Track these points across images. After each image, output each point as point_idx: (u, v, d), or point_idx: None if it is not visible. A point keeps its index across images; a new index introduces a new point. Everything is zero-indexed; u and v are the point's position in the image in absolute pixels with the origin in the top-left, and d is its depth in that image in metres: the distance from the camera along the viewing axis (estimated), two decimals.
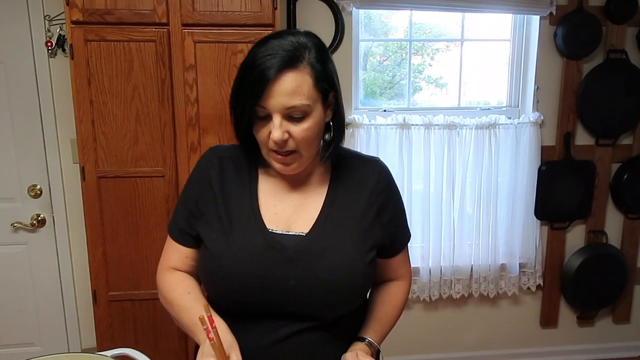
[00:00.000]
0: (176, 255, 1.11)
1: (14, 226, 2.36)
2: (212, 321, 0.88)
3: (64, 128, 2.34)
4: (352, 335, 1.10)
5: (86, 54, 1.89)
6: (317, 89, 0.95)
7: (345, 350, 1.05)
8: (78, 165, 2.30)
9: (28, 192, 2.36)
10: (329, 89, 0.99)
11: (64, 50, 2.25)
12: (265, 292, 1.00)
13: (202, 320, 0.86)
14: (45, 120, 2.32)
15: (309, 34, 1.00)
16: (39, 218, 2.38)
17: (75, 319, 2.50)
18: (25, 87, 2.28)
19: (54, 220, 2.40)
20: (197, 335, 0.96)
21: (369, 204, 1.07)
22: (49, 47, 2.24)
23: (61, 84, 2.29)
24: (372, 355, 1.05)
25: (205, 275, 1.06)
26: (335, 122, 1.04)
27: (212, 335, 0.86)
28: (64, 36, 2.23)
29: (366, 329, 1.11)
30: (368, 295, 1.20)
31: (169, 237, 1.13)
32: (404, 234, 1.17)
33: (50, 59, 2.27)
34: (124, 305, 2.10)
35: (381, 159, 1.17)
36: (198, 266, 1.09)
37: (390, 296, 1.18)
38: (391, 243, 1.13)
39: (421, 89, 2.75)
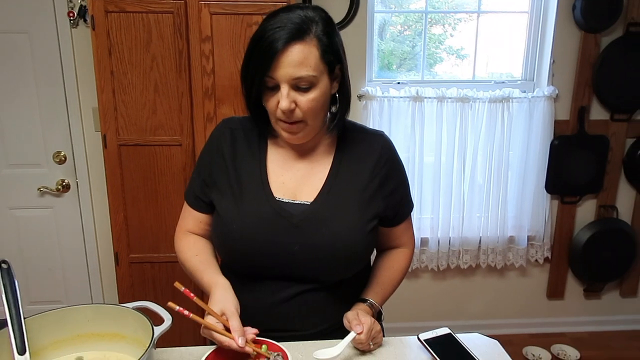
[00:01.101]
0: (192, 220, 1.19)
1: (40, 190, 2.48)
2: (188, 293, 0.94)
3: (86, 97, 2.42)
4: (354, 297, 1.17)
5: (107, 25, 1.95)
6: (323, 60, 1.00)
7: (347, 311, 1.12)
8: (100, 133, 2.39)
9: (53, 158, 2.47)
10: (335, 62, 1.03)
11: (85, 20, 2.31)
12: (272, 256, 1.07)
13: (177, 286, 0.91)
14: (68, 89, 2.40)
15: (317, 9, 1.04)
16: (64, 183, 2.50)
17: (99, 279, 2.64)
18: (48, 57, 2.36)
19: (77, 186, 2.52)
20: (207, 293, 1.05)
21: (372, 176, 1.12)
22: (71, 18, 2.31)
23: (83, 53, 2.36)
24: (373, 316, 1.12)
25: (217, 239, 1.14)
26: (341, 94, 1.09)
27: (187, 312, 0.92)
28: (85, 7, 2.28)
29: (368, 291, 1.18)
30: (372, 261, 1.27)
31: (185, 202, 1.21)
32: (407, 204, 1.22)
33: (72, 29, 2.34)
34: (143, 267, 2.22)
35: (393, 131, 1.22)
36: (211, 231, 1.17)
37: (393, 262, 1.24)
38: (394, 213, 1.18)
39: (442, 60, 2.74)
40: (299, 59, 0.97)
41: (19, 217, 2.52)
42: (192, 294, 0.94)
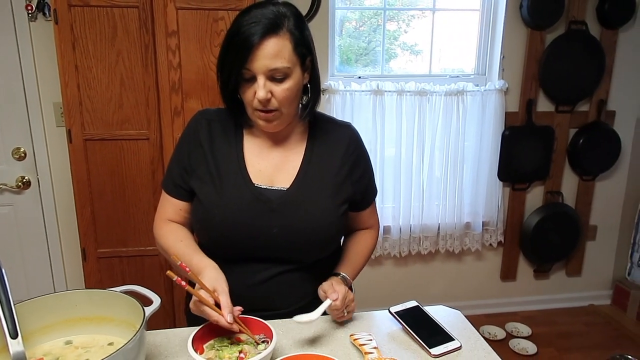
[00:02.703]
0: (171, 208, 1.23)
1: None
2: (183, 267, 1.00)
3: (47, 92, 2.38)
4: (327, 275, 1.24)
5: (70, 19, 1.94)
6: (295, 53, 1.07)
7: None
8: (62, 128, 2.37)
9: (12, 154, 2.41)
10: (306, 54, 1.11)
11: (44, 14, 2.27)
12: (251, 239, 1.14)
13: (170, 275, 0.96)
14: (27, 83, 2.35)
15: (288, 4, 1.11)
16: (24, 180, 2.44)
17: (63, 276, 2.61)
18: (6, 51, 2.30)
19: (38, 182, 2.47)
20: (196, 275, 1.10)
21: (342, 163, 1.21)
22: (29, 11, 2.26)
23: (43, 48, 2.32)
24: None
25: (197, 224, 1.19)
26: (312, 84, 1.17)
27: (184, 283, 0.98)
28: (44, 0, 2.25)
29: (340, 267, 1.26)
30: (342, 243, 1.35)
31: (163, 192, 1.25)
32: (372, 190, 1.32)
33: (30, 22, 2.29)
34: (112, 261, 2.22)
35: (356, 124, 1.31)
36: (191, 217, 1.21)
37: (361, 241, 1.33)
38: (362, 198, 1.28)
39: (397, 56, 2.86)
40: (274, 51, 1.04)
41: None
42: (183, 282, 0.98)
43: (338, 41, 2.73)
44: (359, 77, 2.71)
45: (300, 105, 1.18)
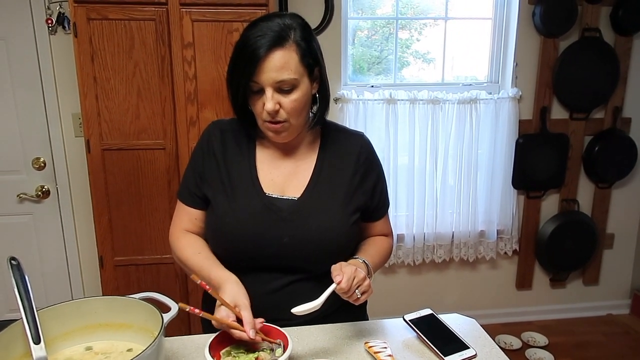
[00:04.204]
0: (187, 218, 1.25)
1: (19, 197, 2.48)
2: (204, 285, 1.02)
3: (66, 103, 2.44)
4: None
5: (89, 31, 1.99)
6: (302, 64, 1.09)
7: (334, 299, 1.15)
8: (80, 138, 2.42)
9: (32, 164, 2.47)
10: (313, 64, 1.13)
11: (64, 27, 2.33)
12: (263, 248, 1.15)
13: (194, 279, 0.98)
14: (47, 95, 2.41)
15: (295, 16, 1.13)
16: (44, 189, 2.50)
17: (80, 283, 2.65)
18: (27, 63, 2.37)
19: (57, 191, 2.52)
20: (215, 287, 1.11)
21: (353, 172, 1.22)
22: (50, 25, 2.32)
23: (62, 60, 2.38)
24: (367, 273, 1.14)
25: (211, 232, 1.20)
26: (321, 94, 1.19)
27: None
28: (63, 14, 2.31)
29: (357, 254, 1.22)
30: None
31: (179, 202, 1.27)
32: (385, 200, 1.33)
33: (50, 35, 2.35)
34: (128, 269, 2.25)
35: (369, 133, 1.32)
36: (205, 225, 1.23)
37: (377, 241, 1.32)
38: (375, 207, 1.28)
39: (409, 64, 2.87)
40: (280, 63, 1.06)
41: None
42: (207, 286, 1.00)
43: (350, 50, 2.75)
44: (372, 86, 2.72)
45: (310, 114, 1.20)
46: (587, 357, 2.78)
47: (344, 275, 1.03)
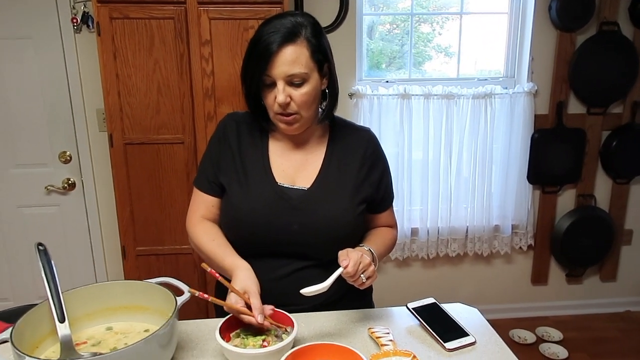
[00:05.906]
0: (203, 205, 1.31)
1: (47, 189, 2.60)
2: (214, 274, 1.08)
3: (90, 99, 2.54)
4: None
5: (111, 30, 2.07)
6: (313, 59, 1.15)
7: (340, 286, 1.19)
8: (104, 133, 2.52)
9: (59, 158, 2.58)
10: (323, 60, 1.18)
11: (88, 26, 2.43)
12: (273, 234, 1.21)
13: (204, 267, 1.05)
14: (72, 91, 2.52)
15: (306, 15, 1.19)
16: (69, 182, 2.61)
17: (104, 272, 2.76)
18: (53, 61, 2.47)
19: (82, 184, 2.63)
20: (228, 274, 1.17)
21: (360, 165, 1.27)
22: (75, 24, 2.42)
23: (86, 57, 2.48)
24: (372, 260, 1.19)
25: (225, 219, 1.27)
26: (330, 90, 1.24)
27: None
28: (87, 13, 2.40)
29: (363, 243, 1.27)
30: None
31: (195, 190, 1.33)
32: (390, 193, 1.37)
33: (75, 34, 2.45)
34: (149, 259, 2.34)
35: (383, 128, 1.36)
36: (220, 213, 1.30)
37: (382, 232, 1.37)
38: (381, 199, 1.33)
39: (431, 58, 2.88)
40: (291, 58, 1.12)
41: (27, 215, 2.63)
42: (217, 274, 1.07)
43: (370, 44, 2.77)
44: (387, 82, 2.75)
45: (320, 110, 1.25)
46: (602, 352, 2.77)
47: (351, 260, 1.08)
